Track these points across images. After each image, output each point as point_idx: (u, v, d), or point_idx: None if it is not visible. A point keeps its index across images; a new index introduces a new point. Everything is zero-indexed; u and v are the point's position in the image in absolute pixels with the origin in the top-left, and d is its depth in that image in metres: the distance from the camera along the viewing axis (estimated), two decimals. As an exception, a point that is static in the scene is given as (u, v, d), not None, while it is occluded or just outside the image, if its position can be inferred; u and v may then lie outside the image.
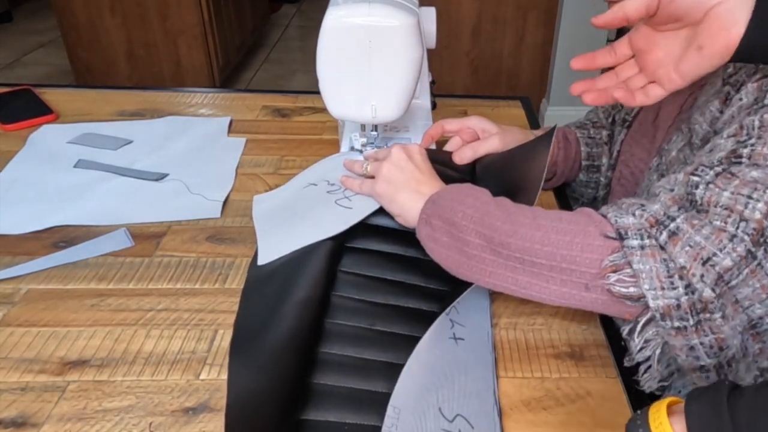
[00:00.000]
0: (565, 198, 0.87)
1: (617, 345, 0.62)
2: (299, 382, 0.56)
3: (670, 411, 0.41)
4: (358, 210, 0.72)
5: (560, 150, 0.82)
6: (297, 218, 0.74)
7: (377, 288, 0.67)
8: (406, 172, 0.68)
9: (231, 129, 1.01)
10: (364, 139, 0.83)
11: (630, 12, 0.52)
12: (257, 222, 0.77)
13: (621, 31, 2.70)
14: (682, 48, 0.52)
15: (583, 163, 0.84)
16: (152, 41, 2.63)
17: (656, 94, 0.55)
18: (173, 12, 2.56)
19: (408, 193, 0.66)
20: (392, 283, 0.68)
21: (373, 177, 0.72)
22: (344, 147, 0.87)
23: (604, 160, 0.83)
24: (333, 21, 0.69)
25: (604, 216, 0.54)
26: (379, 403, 0.54)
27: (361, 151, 0.83)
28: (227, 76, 2.96)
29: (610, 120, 0.84)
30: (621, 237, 0.51)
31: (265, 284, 0.67)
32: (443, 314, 0.61)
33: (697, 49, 0.50)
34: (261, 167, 0.90)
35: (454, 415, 0.53)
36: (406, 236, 0.71)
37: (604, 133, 0.84)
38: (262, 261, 0.70)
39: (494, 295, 0.68)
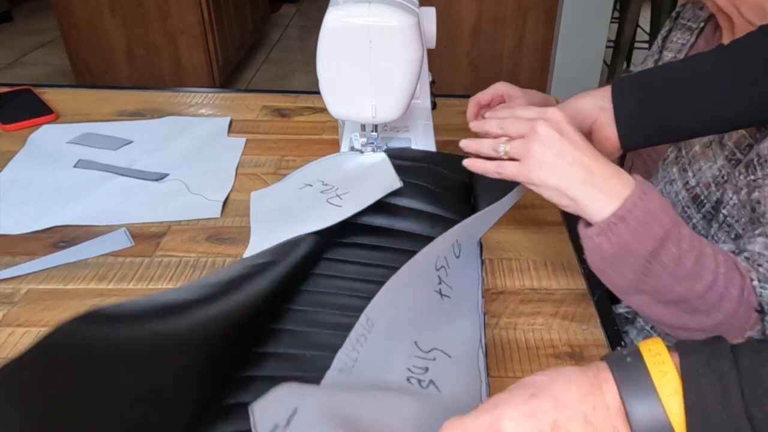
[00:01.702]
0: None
1: (617, 345, 0.62)
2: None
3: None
4: (347, 209, 0.72)
5: None
6: (291, 220, 0.74)
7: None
8: (565, 155, 0.55)
9: (231, 129, 1.01)
10: (364, 139, 0.83)
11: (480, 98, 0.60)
12: (254, 224, 0.77)
13: (619, 39, 2.71)
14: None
15: None
16: (152, 41, 2.63)
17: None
18: (173, 12, 2.57)
19: (579, 186, 0.55)
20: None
21: (512, 159, 0.60)
22: (344, 147, 0.87)
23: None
24: (333, 21, 0.69)
25: (751, 279, 0.55)
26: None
27: (361, 152, 0.83)
28: (227, 76, 2.96)
29: None
30: (763, 311, 0.54)
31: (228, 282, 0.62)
32: (437, 256, 0.59)
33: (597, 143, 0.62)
34: (261, 167, 0.90)
35: (431, 348, 0.53)
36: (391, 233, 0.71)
37: None
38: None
39: (494, 295, 0.68)
